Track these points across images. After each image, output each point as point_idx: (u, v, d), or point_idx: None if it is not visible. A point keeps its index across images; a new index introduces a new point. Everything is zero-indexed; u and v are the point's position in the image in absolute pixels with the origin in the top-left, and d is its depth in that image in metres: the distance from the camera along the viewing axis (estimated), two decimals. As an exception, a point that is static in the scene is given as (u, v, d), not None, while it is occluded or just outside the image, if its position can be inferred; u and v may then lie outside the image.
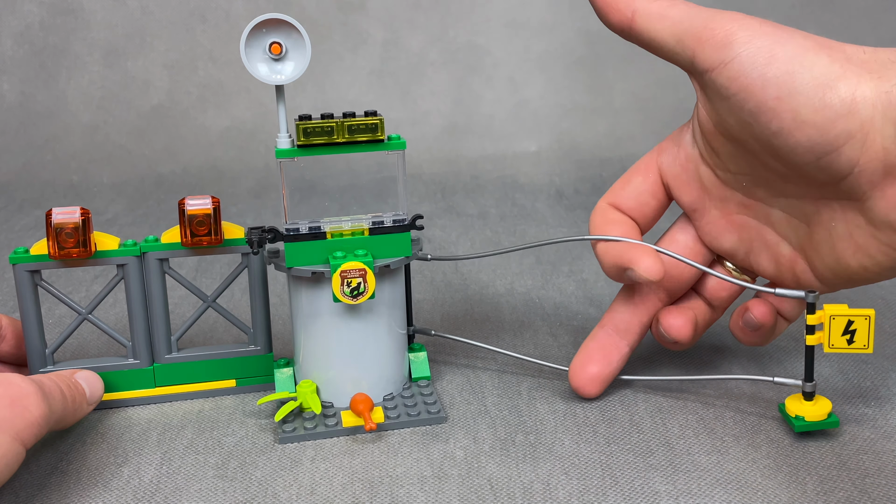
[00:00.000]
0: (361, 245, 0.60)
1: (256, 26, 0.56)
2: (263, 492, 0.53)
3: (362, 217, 0.62)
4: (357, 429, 0.59)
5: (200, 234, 0.61)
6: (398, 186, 0.62)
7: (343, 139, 0.58)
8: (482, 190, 1.28)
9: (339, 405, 0.62)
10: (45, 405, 0.52)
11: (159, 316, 0.63)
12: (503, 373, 0.68)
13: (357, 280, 0.58)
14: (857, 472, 0.53)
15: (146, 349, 0.64)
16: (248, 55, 0.57)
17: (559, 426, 0.60)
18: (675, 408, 0.62)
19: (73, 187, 1.34)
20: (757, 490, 0.52)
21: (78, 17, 1.47)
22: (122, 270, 0.62)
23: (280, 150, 0.59)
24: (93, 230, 0.61)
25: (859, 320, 0.54)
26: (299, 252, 0.59)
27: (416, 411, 0.61)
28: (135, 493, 0.53)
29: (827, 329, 0.55)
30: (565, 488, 0.52)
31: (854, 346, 0.55)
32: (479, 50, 1.46)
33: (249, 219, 1.16)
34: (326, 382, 0.62)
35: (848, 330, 0.55)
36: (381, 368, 0.62)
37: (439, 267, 0.93)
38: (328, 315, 0.60)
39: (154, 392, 0.64)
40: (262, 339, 0.65)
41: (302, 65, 0.58)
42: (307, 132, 0.58)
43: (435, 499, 0.52)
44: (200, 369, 0.65)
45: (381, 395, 0.62)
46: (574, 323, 0.78)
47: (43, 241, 0.61)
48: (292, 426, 0.59)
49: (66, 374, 0.59)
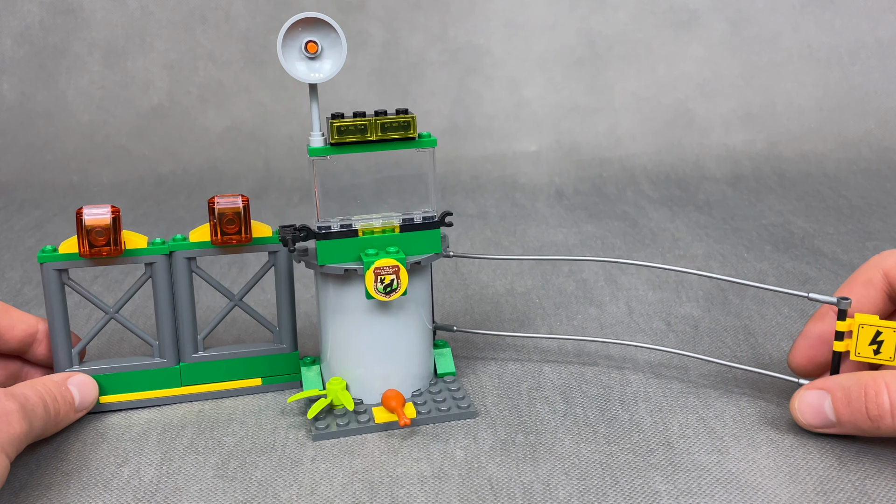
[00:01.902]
0: (392, 242, 0.60)
1: (292, 25, 0.56)
2: (263, 492, 0.53)
3: (393, 214, 0.62)
4: (390, 425, 0.59)
5: (230, 233, 0.61)
6: (429, 183, 0.62)
7: (376, 137, 0.58)
8: (482, 190, 1.28)
9: (369, 402, 0.62)
10: (26, 423, 0.53)
11: (186, 315, 0.63)
12: (503, 373, 0.68)
13: (390, 277, 0.58)
14: (857, 472, 0.53)
15: (172, 348, 0.63)
16: (286, 55, 0.57)
17: (559, 426, 0.60)
18: (675, 408, 0.62)
19: (73, 187, 1.34)
20: (757, 490, 0.52)
21: (78, 17, 1.47)
22: (150, 269, 0.62)
23: (313, 148, 0.59)
24: (122, 228, 0.61)
25: (888, 332, 0.55)
26: (331, 249, 0.59)
27: (447, 406, 0.61)
28: (135, 493, 0.53)
29: (855, 337, 0.55)
30: (565, 488, 0.52)
31: (880, 356, 0.55)
32: (479, 50, 1.46)
33: (249, 219, 1.16)
34: (355, 380, 0.62)
35: (875, 340, 0.55)
36: (410, 365, 0.62)
37: (439, 267, 0.94)
38: (358, 312, 0.60)
39: (180, 391, 0.64)
40: (288, 337, 0.65)
41: (339, 63, 0.58)
42: (341, 130, 0.58)
43: (435, 499, 0.52)
44: (226, 368, 0.64)
45: (409, 392, 0.63)
46: (574, 323, 0.78)
47: (71, 239, 0.60)
48: (325, 423, 0.59)
49: (57, 381, 0.59)
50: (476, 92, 1.45)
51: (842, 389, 0.55)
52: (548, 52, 1.46)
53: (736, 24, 1.46)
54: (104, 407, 0.63)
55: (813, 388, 0.57)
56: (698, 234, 1.05)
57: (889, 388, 0.53)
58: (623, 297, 0.83)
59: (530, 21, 1.47)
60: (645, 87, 1.45)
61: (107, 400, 0.63)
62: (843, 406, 0.55)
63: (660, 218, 1.13)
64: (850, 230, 1.06)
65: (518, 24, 1.47)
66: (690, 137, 1.41)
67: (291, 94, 1.43)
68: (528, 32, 1.47)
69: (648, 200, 1.22)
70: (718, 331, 0.75)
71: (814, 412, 0.56)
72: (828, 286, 0.85)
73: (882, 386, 0.53)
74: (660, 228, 1.08)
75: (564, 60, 1.46)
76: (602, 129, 1.42)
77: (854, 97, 1.44)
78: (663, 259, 0.96)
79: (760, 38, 1.46)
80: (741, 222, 1.10)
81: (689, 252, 0.99)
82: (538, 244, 1.03)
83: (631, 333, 0.75)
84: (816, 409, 0.56)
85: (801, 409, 0.57)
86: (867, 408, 0.54)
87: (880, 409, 0.53)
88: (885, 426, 0.53)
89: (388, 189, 0.63)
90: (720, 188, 1.27)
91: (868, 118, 1.42)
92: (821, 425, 0.57)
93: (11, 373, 0.63)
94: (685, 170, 1.34)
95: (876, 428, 0.54)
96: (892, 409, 0.53)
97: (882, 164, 1.34)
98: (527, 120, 1.43)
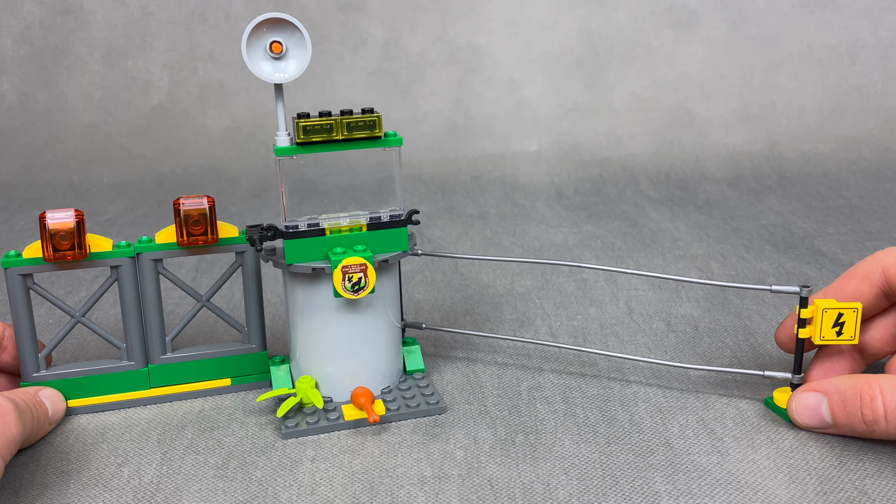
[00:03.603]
0: (359, 241, 0.61)
1: (257, 26, 0.57)
2: (263, 492, 0.53)
3: (360, 213, 0.62)
4: (360, 422, 0.60)
5: (196, 234, 0.61)
6: (395, 182, 0.62)
7: (342, 136, 0.59)
8: (482, 190, 1.28)
9: (339, 399, 0.62)
10: (21, 423, 0.53)
11: (153, 317, 0.63)
12: (503, 373, 0.68)
13: (358, 275, 0.58)
14: (857, 472, 0.53)
15: (140, 351, 0.63)
16: (250, 54, 0.57)
17: (559, 426, 0.60)
18: (675, 408, 0.62)
19: (73, 187, 1.34)
20: (757, 490, 0.52)
21: (78, 17, 1.47)
22: (116, 272, 0.62)
23: (279, 147, 0.59)
24: (86, 232, 0.60)
25: (848, 313, 0.57)
26: (299, 249, 0.60)
27: (416, 403, 0.62)
28: (135, 493, 0.53)
29: (818, 322, 0.57)
30: (565, 488, 0.52)
31: (842, 337, 0.57)
32: (479, 50, 1.46)
33: (249, 218, 1.16)
34: (325, 378, 0.62)
35: (837, 322, 0.57)
36: (379, 362, 0.63)
37: (439, 267, 0.94)
38: (326, 311, 0.60)
39: (149, 393, 0.64)
40: (257, 337, 0.65)
41: (303, 63, 0.58)
42: (307, 130, 0.58)
43: (435, 499, 0.52)
44: (195, 369, 0.64)
45: (378, 389, 0.63)
46: (574, 323, 0.78)
47: (35, 243, 0.60)
48: (294, 421, 0.60)
49: (31, 392, 0.59)
50: (476, 92, 1.45)
51: (838, 393, 0.56)
52: (548, 52, 1.46)
53: (736, 24, 1.46)
54: (74, 411, 0.63)
55: (810, 389, 0.58)
56: (698, 234, 1.05)
57: (884, 393, 0.53)
58: (623, 298, 0.83)
59: (530, 21, 1.47)
60: (645, 87, 1.45)
61: (75, 404, 0.63)
62: (839, 409, 0.55)
63: (660, 218, 1.13)
64: (850, 230, 1.06)
65: (518, 24, 1.47)
66: (690, 137, 1.41)
67: (291, 95, 1.43)
68: (528, 32, 1.47)
69: (648, 200, 1.22)
70: (718, 331, 0.75)
71: (811, 414, 0.57)
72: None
73: (877, 391, 0.54)
74: (660, 228, 1.08)
75: (564, 60, 1.46)
76: (602, 129, 1.42)
77: (854, 97, 1.44)
78: (663, 259, 0.96)
79: (760, 38, 1.46)
80: (741, 222, 1.10)
81: (689, 252, 0.99)
82: (538, 244, 1.03)
83: (631, 334, 0.75)
84: (813, 411, 0.57)
85: (798, 411, 0.58)
86: (862, 412, 0.54)
87: (875, 414, 0.54)
88: (879, 430, 0.54)
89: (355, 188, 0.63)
90: (720, 188, 1.27)
91: (868, 118, 1.42)
92: (818, 426, 0.57)
93: None
94: (685, 170, 1.34)
95: (871, 431, 0.54)
96: (887, 414, 0.53)
97: (882, 165, 1.34)
98: (527, 120, 1.43)
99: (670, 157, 1.37)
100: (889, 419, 0.53)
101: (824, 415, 0.56)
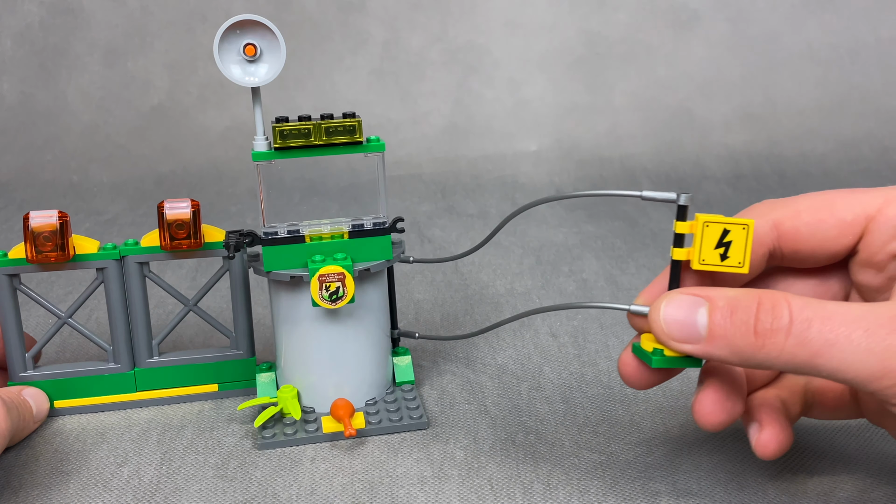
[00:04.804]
0: (341, 248, 0.59)
1: (230, 27, 0.55)
2: (263, 492, 0.53)
3: (342, 220, 0.60)
4: (337, 435, 0.58)
5: (180, 238, 0.61)
6: (378, 188, 0.60)
7: (320, 141, 0.57)
8: (482, 190, 1.28)
9: (321, 410, 0.61)
10: (9, 420, 0.53)
11: (140, 320, 0.62)
12: (503, 373, 0.68)
13: (336, 284, 0.57)
14: (857, 472, 0.53)
15: (127, 353, 0.63)
16: (222, 56, 0.56)
17: (559, 426, 0.60)
18: (675, 408, 0.62)
19: (72, 187, 1.34)
20: (757, 490, 0.52)
21: (78, 17, 1.47)
22: (102, 274, 0.61)
23: (256, 152, 0.58)
24: (71, 234, 0.60)
25: (736, 229, 0.46)
26: (278, 256, 0.59)
27: (399, 416, 0.60)
28: (135, 493, 0.53)
29: (699, 240, 0.46)
30: (565, 488, 0.52)
31: (728, 262, 0.46)
32: (479, 50, 1.46)
33: (249, 218, 1.16)
34: (308, 387, 0.61)
35: (722, 242, 0.46)
36: (363, 373, 0.61)
37: (439, 267, 0.93)
38: (308, 319, 0.59)
39: (135, 396, 0.64)
40: (245, 343, 0.64)
41: (276, 67, 0.57)
42: (283, 135, 0.57)
43: (435, 499, 0.52)
44: (182, 374, 0.64)
45: (363, 400, 0.62)
46: (574, 323, 0.78)
47: (21, 244, 0.60)
48: (272, 432, 0.58)
49: (14, 391, 0.59)
50: (476, 92, 1.45)
51: (726, 298, 0.43)
52: (548, 51, 1.46)
53: (736, 23, 1.46)
54: (59, 412, 0.63)
55: (688, 293, 0.45)
56: (698, 234, 1.05)
57: (792, 305, 0.42)
58: (623, 298, 0.83)
59: (530, 21, 1.47)
60: (645, 86, 1.45)
61: (61, 405, 0.63)
62: (722, 317, 0.43)
63: (660, 218, 1.13)
64: (850, 230, 1.05)
65: (518, 23, 1.47)
66: (691, 137, 1.40)
67: (291, 95, 1.43)
68: (528, 32, 1.47)
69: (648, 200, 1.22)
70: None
71: (679, 324, 0.44)
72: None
73: (783, 301, 0.42)
74: (660, 228, 1.08)
75: (564, 60, 1.46)
76: (602, 128, 1.42)
77: (854, 97, 1.44)
78: (664, 259, 0.96)
79: (761, 37, 1.46)
80: (741, 222, 1.10)
81: (690, 252, 0.98)
82: (538, 244, 1.03)
83: (631, 333, 0.75)
84: (684, 320, 0.44)
85: (665, 318, 0.44)
86: (757, 319, 0.42)
87: (775, 323, 0.41)
88: (769, 348, 0.41)
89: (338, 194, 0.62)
90: (720, 188, 1.27)
91: (868, 118, 1.42)
92: (682, 339, 0.44)
93: None
94: (685, 170, 1.34)
95: (756, 350, 0.42)
96: (792, 325, 0.41)
97: (882, 164, 1.34)
98: (527, 120, 1.43)
99: (670, 157, 1.37)
100: (794, 332, 0.41)
101: (699, 324, 0.43)
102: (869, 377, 0.40)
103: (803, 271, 0.51)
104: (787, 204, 0.49)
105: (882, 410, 0.49)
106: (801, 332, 0.41)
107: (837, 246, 0.48)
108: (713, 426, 0.47)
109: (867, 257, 0.47)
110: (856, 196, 0.47)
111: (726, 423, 0.47)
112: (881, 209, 0.47)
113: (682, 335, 0.44)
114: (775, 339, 0.41)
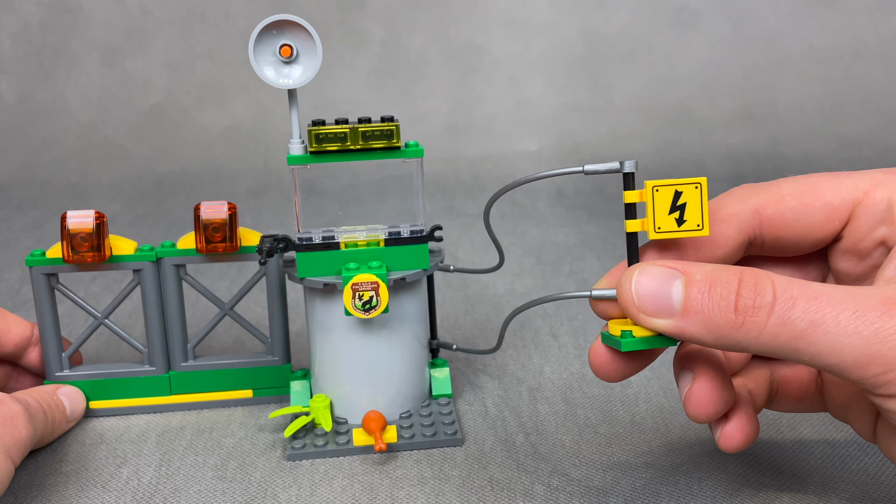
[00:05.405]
0: (377, 256, 0.57)
1: (266, 27, 0.54)
2: (263, 493, 0.53)
3: (378, 227, 0.59)
4: (367, 448, 0.57)
5: (216, 241, 0.60)
6: (416, 195, 0.59)
7: (357, 146, 0.55)
8: (482, 190, 1.28)
9: (354, 422, 0.59)
10: (31, 426, 0.53)
11: (175, 323, 0.62)
12: (503, 373, 0.68)
13: (369, 293, 0.55)
14: (857, 472, 0.53)
15: (162, 356, 0.62)
16: (257, 57, 0.55)
17: (560, 427, 0.59)
18: (676, 408, 0.61)
19: (71, 187, 1.33)
20: (757, 490, 0.52)
21: (76, 17, 1.46)
22: (138, 276, 0.61)
23: (292, 156, 0.56)
24: (108, 234, 0.60)
25: (689, 190, 0.43)
26: (312, 262, 0.57)
27: (432, 431, 0.58)
28: (134, 494, 0.53)
29: (651, 207, 0.43)
30: (566, 489, 0.52)
31: (686, 226, 0.43)
32: (479, 49, 1.46)
33: (248, 219, 1.16)
34: (341, 398, 0.59)
35: (676, 206, 0.43)
36: (398, 385, 0.59)
37: (439, 267, 0.93)
38: (342, 328, 0.57)
39: (169, 400, 0.63)
40: (280, 349, 0.63)
41: (312, 69, 0.55)
42: (319, 138, 0.55)
43: (435, 500, 0.52)
44: (216, 378, 0.63)
45: (397, 413, 0.60)
46: (574, 323, 0.78)
47: (59, 244, 0.60)
48: (302, 442, 0.57)
49: (48, 391, 0.59)
50: (476, 92, 1.45)
51: (704, 273, 0.40)
52: (548, 51, 1.46)
53: (737, 23, 1.46)
54: (94, 413, 0.63)
55: (663, 265, 0.41)
56: (699, 233, 1.05)
57: (776, 282, 0.38)
58: (624, 297, 0.83)
59: (530, 20, 1.47)
60: (646, 86, 1.45)
61: (96, 406, 0.62)
62: (699, 291, 0.39)
63: (660, 218, 1.13)
64: (851, 230, 1.05)
65: (518, 23, 1.47)
66: (691, 137, 1.40)
67: (291, 94, 1.43)
68: (529, 32, 1.46)
69: (649, 200, 1.22)
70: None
71: (652, 297, 0.41)
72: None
73: (766, 278, 0.39)
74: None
75: (565, 60, 1.46)
76: (603, 128, 1.42)
77: (856, 97, 1.44)
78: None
79: (762, 37, 1.45)
80: (742, 222, 1.10)
81: (690, 252, 0.98)
82: (538, 244, 1.03)
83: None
84: (657, 291, 0.41)
85: (638, 290, 0.41)
86: (739, 295, 0.39)
87: (757, 300, 0.38)
88: (749, 327, 0.38)
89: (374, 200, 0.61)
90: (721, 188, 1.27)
91: (870, 118, 1.42)
92: (654, 312, 0.41)
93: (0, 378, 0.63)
94: (686, 169, 1.34)
95: (734, 328, 0.39)
96: (775, 305, 0.38)
97: (884, 164, 1.34)
98: (527, 120, 1.43)
99: (671, 157, 1.37)
100: (777, 310, 0.38)
101: (673, 297, 0.40)
102: (853, 363, 0.37)
103: (780, 259, 0.48)
104: (769, 188, 0.46)
105: (847, 405, 0.47)
106: (784, 311, 0.38)
107: (823, 232, 0.45)
108: (707, 417, 0.44)
109: (851, 244, 0.45)
110: (841, 179, 0.45)
111: (720, 413, 0.44)
112: (868, 192, 0.44)
113: (654, 308, 0.41)
114: (756, 317, 0.38)
